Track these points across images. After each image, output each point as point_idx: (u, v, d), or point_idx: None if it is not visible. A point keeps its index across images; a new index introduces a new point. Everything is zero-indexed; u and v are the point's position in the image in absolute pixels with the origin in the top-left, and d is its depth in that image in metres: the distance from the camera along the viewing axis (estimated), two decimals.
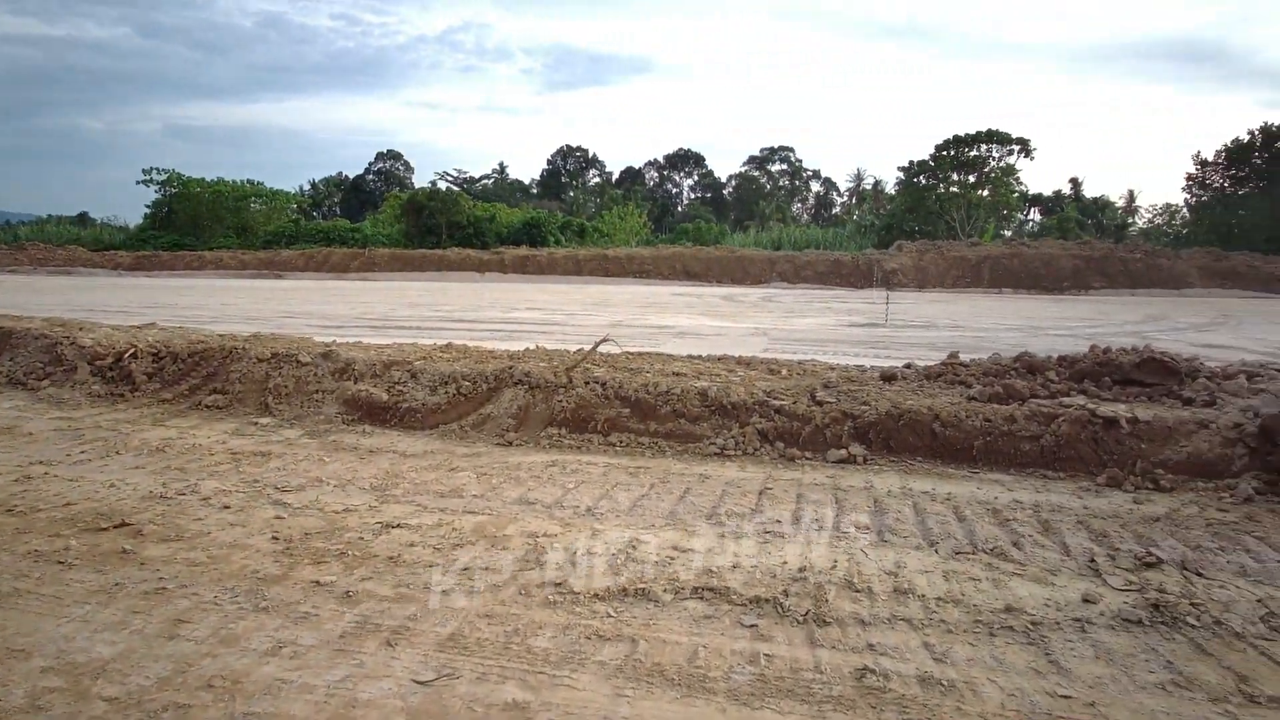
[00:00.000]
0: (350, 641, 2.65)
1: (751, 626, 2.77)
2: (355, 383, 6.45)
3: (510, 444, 5.47)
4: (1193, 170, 40.89)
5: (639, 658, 2.55)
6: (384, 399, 6.17)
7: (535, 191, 76.90)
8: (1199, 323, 16.98)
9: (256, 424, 6.04)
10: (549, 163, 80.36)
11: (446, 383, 6.20)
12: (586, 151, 79.31)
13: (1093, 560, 3.41)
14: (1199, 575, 3.29)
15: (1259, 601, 3.01)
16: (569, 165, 79.15)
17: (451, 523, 3.84)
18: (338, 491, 4.34)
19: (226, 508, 4.02)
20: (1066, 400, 5.22)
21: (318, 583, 3.11)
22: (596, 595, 3.01)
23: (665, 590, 3.05)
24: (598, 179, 78.19)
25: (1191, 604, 2.96)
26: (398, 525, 3.78)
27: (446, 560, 3.36)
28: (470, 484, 4.51)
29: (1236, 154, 38.74)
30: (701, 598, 3.00)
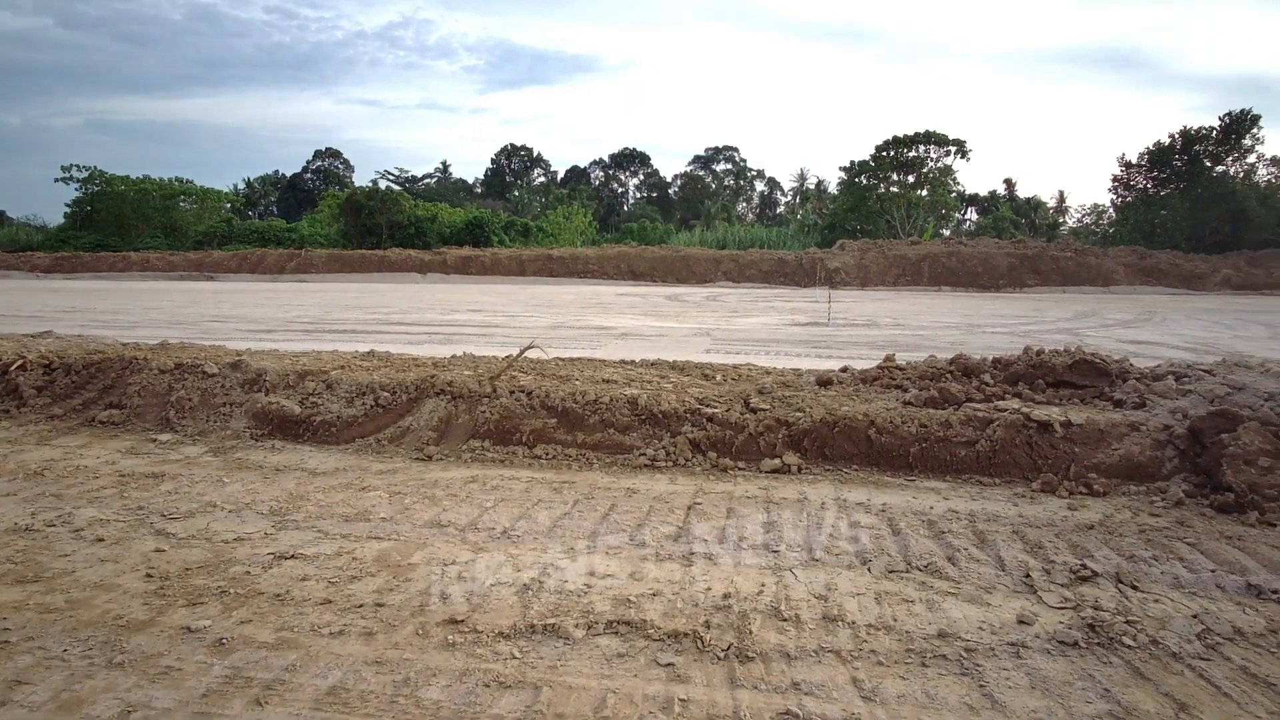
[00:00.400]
0: (213, 701, 2.34)
1: (668, 665, 2.54)
2: (266, 394, 6.03)
3: (430, 458, 5.15)
4: (1118, 172, 42.44)
5: (540, 708, 2.30)
6: (296, 412, 5.77)
7: (479, 191, 75.87)
8: (1126, 319, 17.49)
9: (155, 441, 5.59)
10: (493, 162, 79.32)
11: (364, 393, 5.84)
12: (531, 151, 78.54)
13: (1028, 575, 3.28)
14: (1134, 588, 3.18)
15: (1194, 617, 2.90)
16: (513, 164, 78.25)
17: (353, 551, 3.52)
18: (231, 517, 3.98)
19: (100, 540, 3.63)
20: (1001, 404, 5.15)
21: (188, 629, 2.77)
22: (501, 634, 2.74)
23: (577, 625, 2.80)
24: (542, 178, 77.56)
25: (1127, 621, 2.84)
26: (292, 556, 3.45)
27: (341, 596, 3.05)
28: (380, 505, 4.19)
29: (1158, 156, 40.33)
30: (616, 632, 2.76)
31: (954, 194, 46.81)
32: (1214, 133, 39.17)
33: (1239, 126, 38.75)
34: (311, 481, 4.64)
